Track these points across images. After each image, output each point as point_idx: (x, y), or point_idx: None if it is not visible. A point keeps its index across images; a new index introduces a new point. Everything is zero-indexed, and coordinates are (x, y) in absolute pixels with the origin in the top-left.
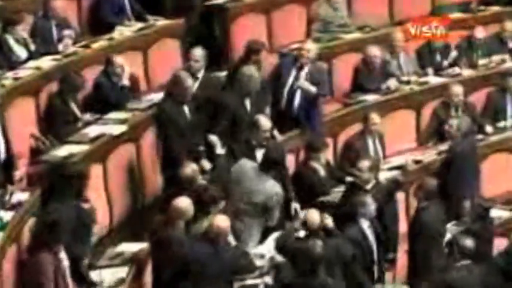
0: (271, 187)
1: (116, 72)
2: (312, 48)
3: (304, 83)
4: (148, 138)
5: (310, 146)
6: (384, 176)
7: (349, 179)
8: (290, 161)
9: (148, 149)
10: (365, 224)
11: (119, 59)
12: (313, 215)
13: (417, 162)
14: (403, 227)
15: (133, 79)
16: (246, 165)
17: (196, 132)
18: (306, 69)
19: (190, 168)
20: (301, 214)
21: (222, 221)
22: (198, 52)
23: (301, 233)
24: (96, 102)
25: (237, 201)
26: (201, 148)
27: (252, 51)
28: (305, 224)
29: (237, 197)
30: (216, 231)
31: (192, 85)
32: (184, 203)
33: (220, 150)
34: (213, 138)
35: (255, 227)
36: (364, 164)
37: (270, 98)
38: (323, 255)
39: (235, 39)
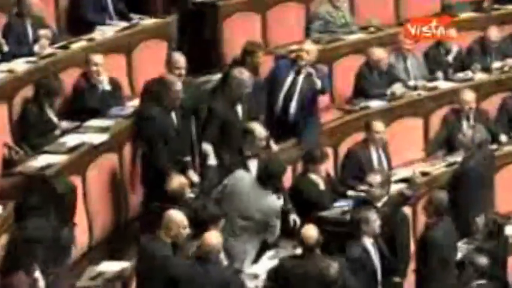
0: (273, 203)
1: (92, 72)
2: (311, 49)
3: (312, 71)
4: (132, 148)
5: (308, 157)
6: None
7: (353, 193)
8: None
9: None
10: (368, 242)
11: (96, 57)
12: (310, 231)
13: (425, 174)
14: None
15: (114, 83)
16: (244, 179)
17: (184, 141)
18: (305, 72)
19: (177, 181)
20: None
21: (213, 237)
22: (178, 57)
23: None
24: (74, 108)
25: (234, 217)
26: (187, 158)
27: (247, 53)
28: (301, 241)
29: (233, 212)
30: (206, 249)
31: (181, 90)
32: (178, 216)
33: (212, 161)
34: (207, 147)
35: (252, 244)
36: (375, 179)
37: (264, 104)
38: (337, 280)
39: (227, 40)
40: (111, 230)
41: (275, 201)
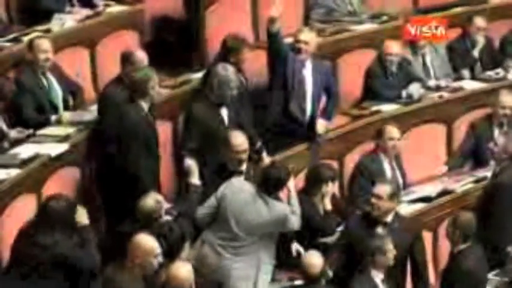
0: (280, 211)
1: (37, 62)
2: (310, 38)
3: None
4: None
5: (312, 175)
6: (405, 209)
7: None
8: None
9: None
10: (378, 278)
11: (43, 42)
12: (314, 259)
13: (448, 192)
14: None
15: (69, 83)
16: (244, 190)
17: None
18: (307, 66)
19: (152, 200)
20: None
21: (181, 270)
22: (140, 56)
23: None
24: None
25: (236, 233)
26: None
27: (229, 50)
28: (303, 270)
29: (235, 227)
30: (175, 284)
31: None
32: (147, 241)
33: (195, 179)
34: (189, 162)
35: (265, 254)
36: (384, 190)
37: (250, 107)
38: None
39: (212, 31)
40: None
41: (280, 207)
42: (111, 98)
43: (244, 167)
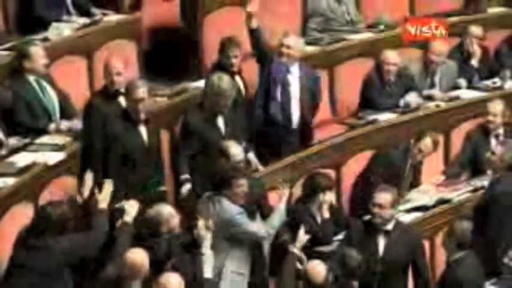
0: (230, 212)
1: (37, 69)
2: (293, 43)
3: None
4: None
5: (309, 184)
6: (401, 219)
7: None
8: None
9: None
10: None
11: (40, 49)
12: (317, 267)
13: (445, 201)
14: None
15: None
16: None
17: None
18: (293, 72)
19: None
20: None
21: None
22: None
23: None
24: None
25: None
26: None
27: (221, 52)
28: (307, 280)
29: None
30: None
31: (147, 96)
32: (139, 256)
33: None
34: (186, 176)
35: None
36: (385, 198)
37: (244, 115)
38: None
39: (209, 40)
40: None
41: (229, 209)
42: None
43: None
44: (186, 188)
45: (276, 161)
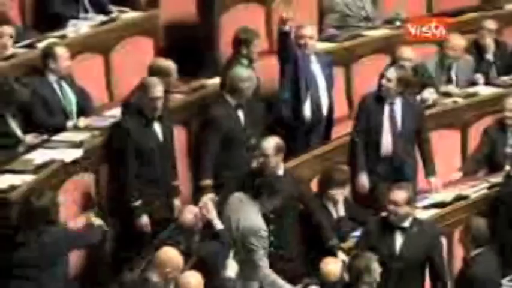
0: (255, 223)
1: (60, 70)
2: (313, 33)
3: None
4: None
5: (325, 179)
6: (419, 215)
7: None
8: None
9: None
10: None
11: (65, 51)
12: (330, 265)
13: (462, 198)
14: None
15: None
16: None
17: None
18: (313, 61)
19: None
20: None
21: (191, 278)
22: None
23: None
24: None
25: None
26: (176, 183)
27: (240, 42)
28: (321, 276)
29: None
30: None
31: (163, 96)
32: (172, 253)
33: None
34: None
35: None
36: (400, 195)
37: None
38: None
39: (226, 37)
40: (86, 265)
41: (258, 222)
42: None
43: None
44: (209, 197)
45: (304, 152)
